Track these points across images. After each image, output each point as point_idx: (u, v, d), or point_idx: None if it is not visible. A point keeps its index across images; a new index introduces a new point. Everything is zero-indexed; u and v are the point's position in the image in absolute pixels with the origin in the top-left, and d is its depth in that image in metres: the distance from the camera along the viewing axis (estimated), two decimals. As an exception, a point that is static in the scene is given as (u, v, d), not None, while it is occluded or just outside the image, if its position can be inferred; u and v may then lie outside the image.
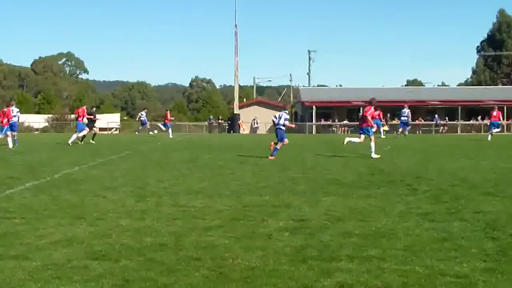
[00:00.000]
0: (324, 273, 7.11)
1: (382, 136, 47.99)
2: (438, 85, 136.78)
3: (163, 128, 55.79)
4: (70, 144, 34.39)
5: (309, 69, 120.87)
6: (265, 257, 7.83)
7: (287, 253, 8.09)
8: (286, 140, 25.44)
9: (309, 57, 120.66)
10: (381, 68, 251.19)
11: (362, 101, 72.07)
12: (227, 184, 15.80)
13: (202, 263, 7.57)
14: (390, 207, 11.80)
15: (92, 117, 39.62)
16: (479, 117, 78.03)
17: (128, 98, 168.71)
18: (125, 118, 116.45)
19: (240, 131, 76.37)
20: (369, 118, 26.08)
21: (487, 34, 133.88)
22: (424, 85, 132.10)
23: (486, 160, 23.50)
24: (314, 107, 77.98)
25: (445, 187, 14.80)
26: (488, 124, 48.98)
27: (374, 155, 24.68)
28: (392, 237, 9.05)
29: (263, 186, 15.24)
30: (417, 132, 74.44)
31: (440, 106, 79.65)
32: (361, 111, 73.23)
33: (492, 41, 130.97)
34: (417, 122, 76.79)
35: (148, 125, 59.71)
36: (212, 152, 29.63)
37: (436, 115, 78.94)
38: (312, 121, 78.20)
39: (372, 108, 26.52)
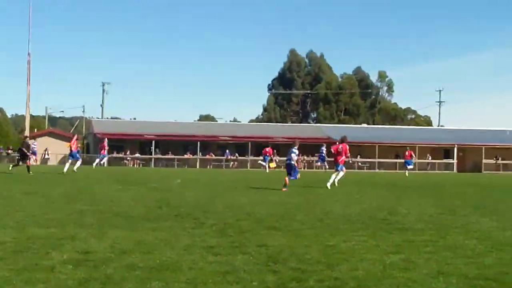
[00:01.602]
0: (105, 306, 7.08)
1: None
2: (230, 121, 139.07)
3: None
4: None
5: (102, 101, 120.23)
6: (46, 290, 7.69)
7: (69, 285, 7.96)
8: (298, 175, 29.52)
9: (103, 89, 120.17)
10: (174, 103, 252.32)
11: (154, 135, 72.26)
12: (13, 215, 15.34)
13: (-21, 297, 7.33)
14: (176, 240, 11.87)
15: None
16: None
17: None
18: None
19: (31, 162, 74.19)
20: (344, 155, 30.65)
21: (278, 73, 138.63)
22: (216, 121, 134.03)
23: (274, 196, 24.14)
24: (106, 139, 77.21)
25: (231, 221, 15.06)
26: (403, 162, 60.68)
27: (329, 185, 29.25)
28: (176, 270, 9.10)
29: (50, 218, 14.92)
30: (208, 166, 75.47)
31: (231, 141, 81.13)
32: (153, 144, 73.56)
33: (283, 80, 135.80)
34: (207, 157, 77.90)
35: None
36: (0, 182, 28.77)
37: (227, 150, 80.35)
38: (104, 153, 77.28)
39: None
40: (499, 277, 8.97)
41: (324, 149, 59.94)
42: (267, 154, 62.25)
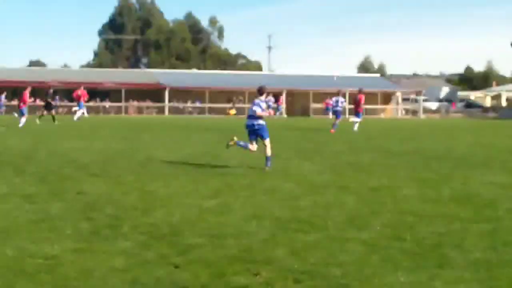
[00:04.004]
0: None
1: None
2: (61, 67, 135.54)
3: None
4: None
5: None
6: None
7: None
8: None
9: None
10: (3, 49, 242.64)
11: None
12: None
13: None
14: (-7, 189, 11.69)
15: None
16: (98, 99, 79.17)
17: None
18: None
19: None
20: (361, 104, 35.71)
21: (109, 18, 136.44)
22: (46, 66, 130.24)
23: (100, 142, 23.94)
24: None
25: (53, 168, 14.93)
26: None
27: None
28: (-11, 219, 8.99)
29: None
30: (37, 113, 73.66)
31: (61, 87, 79.33)
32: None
33: (114, 25, 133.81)
34: (37, 103, 76.08)
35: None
36: None
37: (57, 96, 78.66)
38: None
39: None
40: (311, 219, 9.36)
41: (272, 98, 60.22)
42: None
